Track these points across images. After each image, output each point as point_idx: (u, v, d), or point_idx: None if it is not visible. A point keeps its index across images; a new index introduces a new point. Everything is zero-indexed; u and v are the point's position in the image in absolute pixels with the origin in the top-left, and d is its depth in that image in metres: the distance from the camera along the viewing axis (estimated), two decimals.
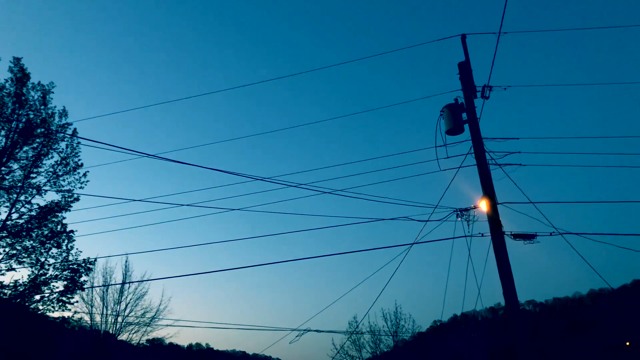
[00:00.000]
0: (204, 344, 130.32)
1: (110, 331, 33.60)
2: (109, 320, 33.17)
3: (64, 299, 22.24)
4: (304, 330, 13.30)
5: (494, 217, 10.39)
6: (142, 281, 34.19)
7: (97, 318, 33.17)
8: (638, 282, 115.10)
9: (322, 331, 15.00)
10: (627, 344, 72.79)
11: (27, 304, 22.04)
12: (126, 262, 34.70)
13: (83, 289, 25.65)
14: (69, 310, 22.96)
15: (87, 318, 32.94)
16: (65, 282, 22.39)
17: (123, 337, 34.48)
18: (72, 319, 25.52)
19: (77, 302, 26.25)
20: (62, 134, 22.85)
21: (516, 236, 10.62)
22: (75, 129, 23.27)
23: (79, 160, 23.09)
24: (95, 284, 33.16)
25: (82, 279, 23.07)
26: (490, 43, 11.21)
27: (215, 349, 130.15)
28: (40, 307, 22.14)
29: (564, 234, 10.86)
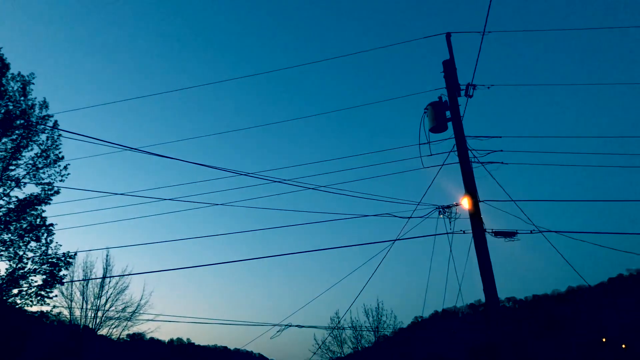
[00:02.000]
0: (185, 339, 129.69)
1: (90, 326, 33.24)
2: (89, 314, 32.85)
3: (42, 293, 21.92)
4: (286, 325, 13.29)
5: (475, 215, 10.49)
6: (123, 275, 33.90)
7: (77, 312, 32.82)
8: (614, 279, 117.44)
9: (304, 326, 15.01)
10: (604, 340, 74.23)
11: (4, 298, 21.68)
12: (107, 256, 34.35)
13: (62, 283, 25.35)
14: (48, 304, 22.66)
15: (66, 312, 32.59)
16: (44, 276, 22.07)
17: (103, 331, 34.19)
18: (51, 314, 25.19)
19: (56, 296, 25.88)
20: (42, 126, 22.48)
21: (497, 233, 10.75)
22: (56, 121, 22.88)
23: (60, 152, 22.73)
24: (75, 278, 32.78)
25: (61, 273, 22.76)
26: (474, 42, 11.29)
27: (196, 344, 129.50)
28: (18, 301, 21.79)
29: (544, 231, 11.02)
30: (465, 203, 10.72)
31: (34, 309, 22.82)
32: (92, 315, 32.85)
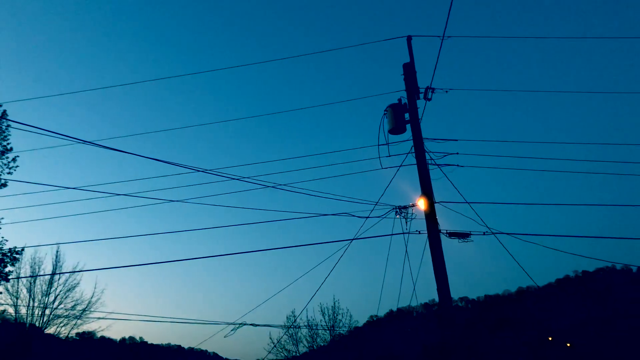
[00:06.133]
0: (137, 338, 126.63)
1: (37, 324, 32.11)
2: (36, 312, 31.69)
3: None
4: (240, 324, 13.17)
5: (431, 216, 10.68)
6: (74, 272, 32.84)
7: (23, 310, 31.63)
8: (562, 280, 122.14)
9: (258, 325, 14.91)
10: (550, 339, 77.05)
11: None
12: (57, 252, 33.21)
13: (7, 280, 24.41)
14: None
15: (11, 310, 31.46)
16: None
17: (50, 330, 33.06)
18: None
19: (0, 293, 25.03)
20: None
21: (451, 234, 10.97)
22: (5, 111, 22.00)
23: (8, 144, 21.91)
24: (22, 275, 31.56)
25: (7, 269, 21.97)
26: (435, 45, 11.48)
27: (149, 342, 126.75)
28: None
29: (496, 233, 11.31)
30: (422, 204, 10.90)
31: None
32: (40, 313, 31.73)
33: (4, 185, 21.81)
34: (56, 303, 32.20)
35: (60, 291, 32.53)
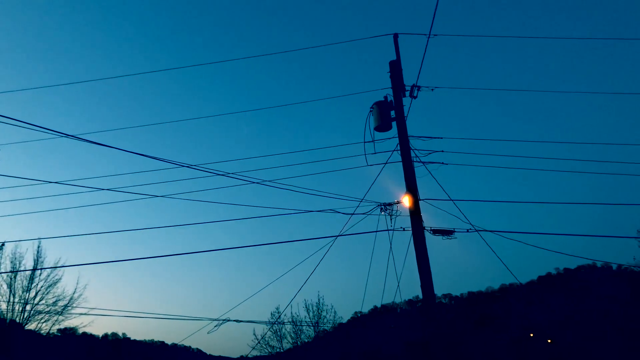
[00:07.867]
0: (120, 334, 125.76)
1: (18, 320, 31.72)
2: (16, 308, 31.31)
3: None
4: (223, 320, 13.12)
5: (415, 213, 10.74)
6: (55, 267, 32.46)
7: (3, 306, 31.25)
8: (544, 278, 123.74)
9: (242, 321, 14.86)
10: (531, 335, 78.06)
11: None
12: (38, 247, 32.82)
13: None
14: None
15: None
16: None
17: (31, 326, 32.68)
18: None
19: None
20: None
21: (435, 231, 11.05)
22: None
23: None
24: (2, 270, 31.15)
25: None
26: (421, 43, 11.50)
27: (132, 338, 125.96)
28: None
29: (480, 230, 11.41)
30: (406, 201, 10.95)
31: None
32: (20, 309, 31.36)
33: None
34: (37, 299, 31.87)
35: (42, 287, 32.19)
